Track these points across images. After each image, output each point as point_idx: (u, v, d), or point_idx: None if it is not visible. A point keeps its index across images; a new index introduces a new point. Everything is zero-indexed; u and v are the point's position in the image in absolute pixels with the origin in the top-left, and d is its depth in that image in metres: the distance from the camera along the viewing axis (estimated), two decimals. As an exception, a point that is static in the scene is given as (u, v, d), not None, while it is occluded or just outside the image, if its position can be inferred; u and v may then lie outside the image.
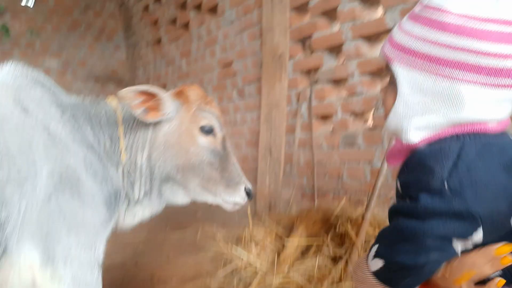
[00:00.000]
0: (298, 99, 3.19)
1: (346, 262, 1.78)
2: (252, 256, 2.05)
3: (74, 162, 1.10)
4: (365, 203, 2.55)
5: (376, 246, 0.67)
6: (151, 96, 1.26)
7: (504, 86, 0.55)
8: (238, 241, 2.45)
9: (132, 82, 5.70)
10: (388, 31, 2.43)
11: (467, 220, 0.56)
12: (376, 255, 0.65)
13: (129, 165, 1.28)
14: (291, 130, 3.25)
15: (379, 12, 2.68)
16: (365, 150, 2.69)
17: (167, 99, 1.29)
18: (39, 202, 1.00)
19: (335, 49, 2.89)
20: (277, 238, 2.22)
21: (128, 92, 1.23)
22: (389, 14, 2.41)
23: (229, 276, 2.08)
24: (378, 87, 2.70)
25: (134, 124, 1.31)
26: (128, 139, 1.29)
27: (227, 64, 3.95)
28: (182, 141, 1.31)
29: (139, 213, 1.35)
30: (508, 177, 0.57)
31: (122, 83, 5.60)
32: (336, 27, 2.92)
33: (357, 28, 2.64)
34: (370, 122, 2.85)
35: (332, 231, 2.03)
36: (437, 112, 0.59)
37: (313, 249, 1.99)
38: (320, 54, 2.95)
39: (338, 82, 2.93)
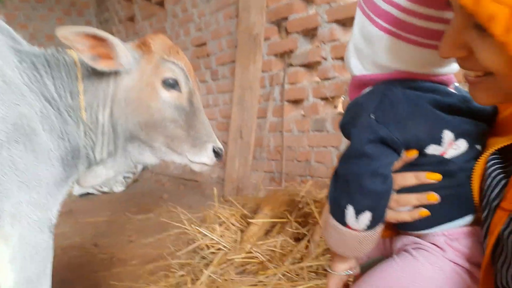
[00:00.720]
0: (271, 82, 3.15)
1: (308, 241, 1.78)
2: (215, 235, 2.01)
3: (30, 113, 1.01)
4: (332, 187, 2.57)
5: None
6: (100, 41, 1.14)
7: (426, 45, 0.63)
8: (202, 222, 2.41)
9: (103, 60, 5.48)
10: (362, 15, 2.41)
11: (391, 146, 0.65)
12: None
13: (90, 123, 1.19)
14: (262, 113, 3.22)
15: (354, -4, 2.67)
16: (333, 134, 2.70)
17: (120, 46, 1.16)
18: None
19: (310, 32, 2.86)
20: (243, 218, 2.19)
21: (69, 32, 1.08)
22: (364, -2, 2.40)
23: (192, 255, 2.04)
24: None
25: (95, 79, 1.19)
26: (89, 96, 1.18)
27: (201, 44, 3.85)
28: (143, 96, 1.21)
29: (102, 173, 1.26)
30: (435, 113, 0.64)
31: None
32: (312, 10, 2.89)
33: (332, 11, 2.61)
34: (339, 107, 2.86)
35: (296, 211, 2.02)
36: (372, 56, 0.67)
37: (276, 229, 1.97)
38: (295, 36, 2.92)
39: (311, 66, 2.91)
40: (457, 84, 0.72)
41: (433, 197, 0.65)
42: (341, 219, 0.67)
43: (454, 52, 0.57)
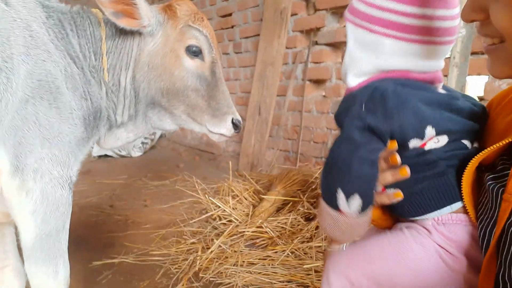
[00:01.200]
0: (294, 60, 3.09)
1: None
2: (228, 207, 2.05)
3: (55, 71, 1.01)
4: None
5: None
6: None
7: (417, 41, 0.70)
8: (216, 193, 2.45)
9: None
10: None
11: (378, 135, 0.69)
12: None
13: (112, 85, 1.19)
14: (283, 91, 3.19)
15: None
16: (354, 118, 2.66)
17: (144, 6, 1.14)
18: (15, 102, 0.93)
19: (339, 11, 2.77)
20: (255, 194, 2.21)
21: None
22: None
23: (204, 224, 2.09)
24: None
25: (119, 40, 1.19)
26: (112, 57, 1.18)
27: (227, 15, 3.78)
28: (166, 62, 1.19)
29: (123, 136, 1.27)
30: (421, 109, 0.69)
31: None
32: (343, -13, 2.78)
33: (365, -11, 2.51)
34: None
35: (309, 191, 2.03)
36: (367, 60, 0.73)
37: (288, 207, 1.99)
38: (323, 14, 2.83)
39: (337, 45, 2.84)
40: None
41: (405, 172, 0.69)
42: (333, 204, 0.71)
43: (473, 15, 0.59)
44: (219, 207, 2.06)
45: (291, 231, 1.80)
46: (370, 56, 0.72)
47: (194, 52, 1.21)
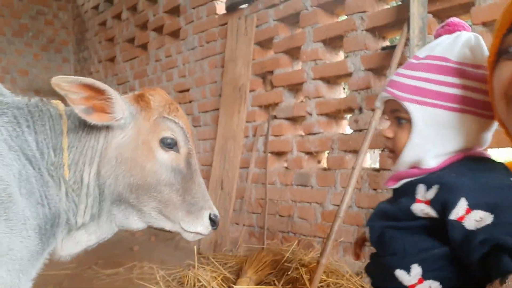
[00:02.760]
0: (255, 133, 3.12)
1: (297, 312, 1.65)
2: (194, 301, 1.84)
3: (7, 176, 0.89)
4: (316, 247, 2.48)
5: None
6: (97, 93, 1.05)
7: (487, 116, 0.71)
8: (180, 282, 2.22)
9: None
10: (348, 74, 2.48)
11: None
12: None
13: (73, 183, 1.07)
14: (245, 164, 3.15)
15: (340, 55, 2.75)
16: (317, 190, 2.66)
17: (119, 99, 1.08)
18: None
19: (295, 87, 2.90)
20: (224, 282, 2.03)
21: (65, 81, 1.01)
22: (350, 59, 2.47)
23: (167, 323, 1.84)
24: (334, 128, 2.72)
25: (83, 133, 1.09)
26: (75, 152, 1.07)
27: (184, 90, 3.82)
28: (137, 156, 1.10)
29: (83, 239, 1.11)
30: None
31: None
32: (298, 66, 2.95)
33: (318, 69, 2.67)
34: (323, 163, 2.85)
35: (283, 276, 1.90)
36: (450, 140, 0.70)
37: (262, 296, 1.84)
38: (280, 90, 2.94)
39: (295, 120, 2.92)
40: None
41: None
42: None
43: None
44: None
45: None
46: (449, 134, 0.70)
47: (169, 144, 1.14)
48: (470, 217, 0.59)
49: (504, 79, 0.62)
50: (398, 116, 0.74)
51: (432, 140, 0.70)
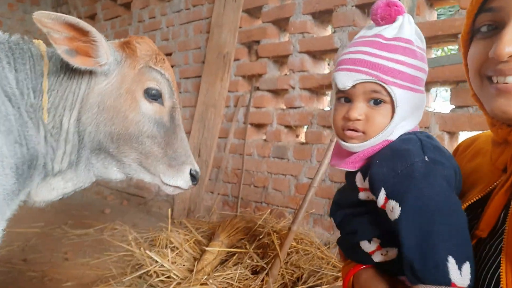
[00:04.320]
0: (236, 103, 3.10)
1: (267, 274, 1.70)
2: (166, 262, 1.85)
3: None
4: (287, 217, 2.53)
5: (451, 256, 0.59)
6: (81, 34, 0.99)
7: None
8: (152, 244, 2.22)
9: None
10: (334, 50, 2.48)
11: (456, 178, 0.68)
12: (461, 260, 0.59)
13: (52, 128, 1.03)
14: (224, 133, 3.14)
15: (328, 30, 2.74)
16: (293, 163, 2.69)
17: (103, 43, 1.03)
18: None
19: (280, 59, 2.88)
20: (197, 245, 2.05)
21: (48, 17, 0.94)
22: (337, 34, 2.47)
23: (138, 281, 1.85)
24: (315, 103, 2.73)
25: (65, 77, 1.04)
26: (55, 96, 1.03)
27: (166, 54, 3.71)
28: (120, 104, 1.07)
29: (59, 185, 1.09)
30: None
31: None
32: (285, 38, 2.91)
33: (305, 42, 2.65)
34: (301, 137, 2.88)
35: (255, 241, 1.94)
36: (417, 118, 0.77)
37: (234, 259, 1.87)
38: (265, 61, 2.91)
39: (278, 92, 2.91)
40: None
41: None
42: (443, 277, 0.58)
43: None
44: (156, 261, 1.85)
45: (239, 287, 1.67)
46: (417, 113, 0.76)
47: (153, 96, 1.11)
48: (387, 206, 0.65)
49: (478, 58, 0.67)
50: (376, 97, 0.72)
51: (405, 121, 0.73)
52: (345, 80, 0.72)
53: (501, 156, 0.69)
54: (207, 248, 1.90)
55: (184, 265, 1.85)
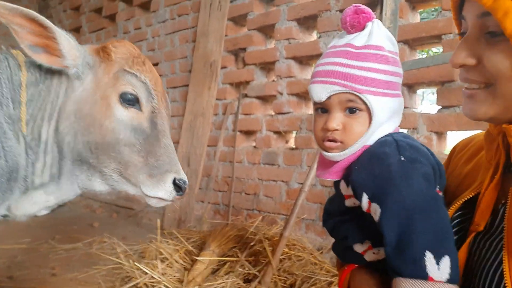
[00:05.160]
0: (224, 111, 3.08)
1: (259, 282, 1.66)
2: (156, 273, 1.80)
3: None
4: (279, 223, 2.50)
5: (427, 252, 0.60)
6: (43, 29, 0.95)
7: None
8: (141, 256, 2.17)
9: (38, 69, 5.01)
10: (320, 55, 2.48)
11: (436, 174, 0.68)
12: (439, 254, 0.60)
13: (31, 140, 0.99)
14: (213, 141, 3.11)
15: (314, 36, 2.75)
16: (284, 169, 2.67)
17: (66, 40, 0.99)
18: None
19: (267, 66, 2.88)
20: (187, 255, 2.01)
21: (4, 7, 0.91)
22: (323, 39, 2.48)
23: (126, 295, 1.80)
24: (303, 108, 2.73)
25: (43, 87, 1.01)
26: (34, 107, 0.99)
27: (153, 64, 3.69)
28: (96, 112, 1.02)
29: (41, 199, 1.04)
30: None
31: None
32: (271, 44, 2.92)
33: (291, 48, 2.66)
34: (291, 143, 2.87)
35: (246, 249, 1.90)
36: (394, 124, 0.76)
37: (225, 268, 1.83)
38: (252, 68, 2.91)
39: (266, 98, 2.91)
40: None
41: None
42: (421, 272, 0.59)
43: (466, 60, 0.64)
44: (146, 273, 1.80)
45: (230, 295, 1.63)
46: (396, 118, 0.76)
47: (129, 101, 1.04)
48: (371, 209, 0.66)
49: None
50: (352, 106, 0.73)
51: (383, 126, 0.74)
52: (320, 92, 0.73)
53: (489, 153, 0.70)
54: (197, 258, 1.86)
55: (174, 276, 1.81)
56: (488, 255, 0.63)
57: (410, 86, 2.16)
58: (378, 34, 0.74)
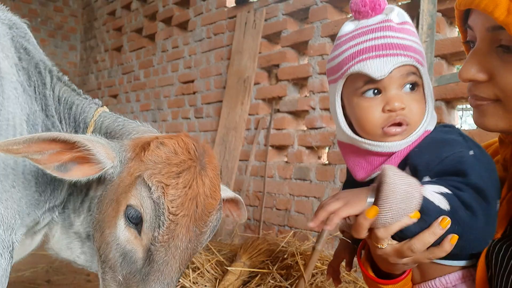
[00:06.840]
0: (257, 126, 3.12)
1: (291, 296, 1.64)
2: (188, 282, 1.82)
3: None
4: (311, 239, 2.46)
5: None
6: (68, 145, 0.83)
7: None
8: (171, 265, 2.20)
9: (81, 86, 5.32)
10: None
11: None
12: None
13: (63, 221, 1.04)
14: (245, 156, 3.15)
15: (347, 53, 2.76)
16: (316, 185, 2.65)
17: (100, 149, 0.86)
18: None
19: (300, 82, 2.91)
20: (218, 265, 2.01)
21: (15, 143, 0.77)
22: (357, 55, 2.49)
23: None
24: (337, 124, 2.72)
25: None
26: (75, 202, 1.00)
27: (189, 81, 3.83)
28: (107, 212, 0.87)
29: (76, 248, 1.07)
30: None
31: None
32: (304, 60, 2.96)
33: (324, 63, 2.68)
34: (324, 158, 2.85)
35: (278, 261, 1.89)
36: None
37: (256, 280, 1.82)
38: (285, 84, 2.95)
39: (298, 114, 2.93)
40: None
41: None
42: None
43: (477, 76, 0.62)
44: (178, 281, 1.82)
45: (261, 308, 1.62)
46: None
47: (132, 218, 0.83)
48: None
49: None
50: (413, 81, 0.66)
51: (432, 108, 0.72)
52: (382, 66, 0.64)
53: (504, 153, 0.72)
54: (229, 268, 1.86)
55: (205, 286, 1.82)
56: (506, 260, 0.63)
57: (448, 102, 2.10)
58: (403, 13, 0.72)
